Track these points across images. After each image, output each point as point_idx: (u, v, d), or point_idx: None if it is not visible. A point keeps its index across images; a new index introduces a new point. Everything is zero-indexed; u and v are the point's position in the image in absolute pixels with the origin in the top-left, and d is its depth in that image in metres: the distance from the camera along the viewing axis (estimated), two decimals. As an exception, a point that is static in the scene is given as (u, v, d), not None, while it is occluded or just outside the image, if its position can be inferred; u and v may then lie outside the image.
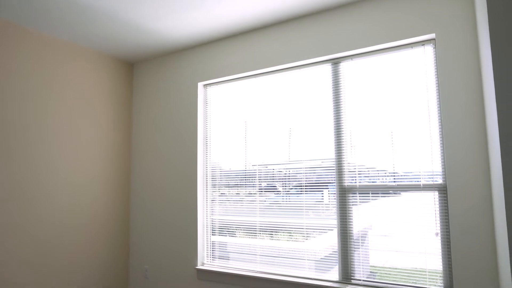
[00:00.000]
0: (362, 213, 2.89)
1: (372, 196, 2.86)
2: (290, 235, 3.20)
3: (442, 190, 2.58)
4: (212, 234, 3.66)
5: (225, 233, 3.58)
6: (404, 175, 2.75)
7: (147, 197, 4.01)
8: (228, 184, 3.60)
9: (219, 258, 3.59)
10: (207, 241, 3.66)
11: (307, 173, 3.17)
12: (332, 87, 3.08)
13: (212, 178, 3.71)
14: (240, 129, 3.57)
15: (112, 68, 4.04)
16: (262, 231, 3.34)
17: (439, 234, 2.56)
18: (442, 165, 2.59)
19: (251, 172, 3.47)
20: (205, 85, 3.83)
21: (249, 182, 3.48)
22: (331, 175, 3.03)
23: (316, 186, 3.10)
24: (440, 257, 2.56)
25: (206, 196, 3.71)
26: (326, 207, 3.04)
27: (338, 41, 2.99)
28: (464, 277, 2.39)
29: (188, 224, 3.67)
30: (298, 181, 3.21)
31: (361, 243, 2.88)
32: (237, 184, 3.54)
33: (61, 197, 3.45)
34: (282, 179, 3.29)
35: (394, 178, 2.78)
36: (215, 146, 3.73)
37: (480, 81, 2.42)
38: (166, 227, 3.83)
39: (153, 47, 3.82)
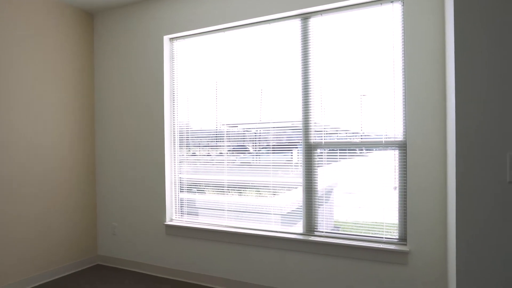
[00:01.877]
0: (327, 171, 2.98)
1: (339, 155, 2.93)
2: (258, 192, 3.27)
3: (402, 147, 2.68)
4: (181, 192, 3.68)
5: (194, 191, 3.61)
6: (367, 134, 2.82)
7: (113, 157, 3.93)
8: (199, 144, 3.58)
9: (187, 214, 3.64)
10: (175, 198, 3.69)
11: (277, 133, 3.18)
12: (301, 45, 3.04)
13: (180, 138, 3.67)
14: (210, 88, 3.50)
15: (70, 19, 3.78)
16: (231, 188, 3.39)
17: (397, 188, 2.70)
18: (403, 123, 2.67)
19: (221, 132, 3.45)
20: (172, 39, 3.67)
21: (219, 142, 3.47)
22: (300, 135, 3.06)
23: (286, 147, 3.13)
24: (397, 210, 2.71)
25: (174, 155, 3.68)
26: (295, 166, 3.10)
27: (308, -4, 2.91)
28: (417, 229, 2.56)
29: (156, 182, 3.66)
30: (268, 141, 3.23)
31: (326, 199, 2.99)
32: (207, 145, 3.53)
33: (25, 160, 3.32)
34: (253, 139, 3.30)
35: (361, 137, 2.85)
36: (183, 105, 3.65)
37: (444, 44, 2.45)
38: (134, 185, 3.80)
39: (114, -4, 3.58)
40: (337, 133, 2.93)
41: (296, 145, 3.09)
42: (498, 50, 1.61)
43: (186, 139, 3.63)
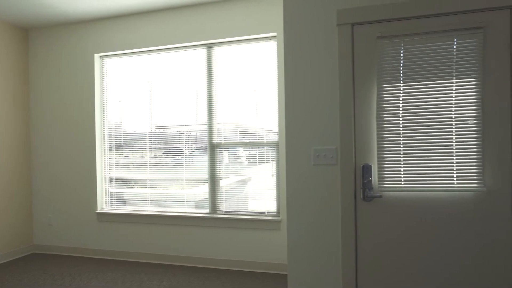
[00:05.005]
0: (226, 163, 3.90)
1: (236, 152, 3.87)
2: (177, 185, 4.10)
3: (276, 145, 3.70)
4: (110, 187, 4.38)
5: (123, 186, 4.33)
6: (259, 135, 3.80)
7: (48, 156, 4.50)
8: (123, 146, 4.32)
9: (116, 204, 4.36)
10: (105, 192, 4.38)
11: (190, 137, 4.04)
12: (206, 66, 3.94)
13: (109, 140, 4.37)
14: (137, 95, 4.26)
15: (5, 34, 4.29)
16: (154, 182, 4.18)
17: (274, 176, 3.71)
18: (278, 129, 3.69)
19: (143, 134, 4.22)
20: (102, 56, 4.36)
21: (142, 144, 4.24)
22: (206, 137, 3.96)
23: (201, 148, 4.01)
24: (275, 191, 3.72)
25: (105, 156, 4.37)
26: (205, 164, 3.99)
27: (212, 30, 3.82)
28: (284, 203, 3.57)
29: (88, 178, 4.32)
30: (179, 144, 4.07)
31: (226, 186, 3.91)
32: (132, 147, 4.28)
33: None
34: (165, 142, 4.12)
35: (251, 138, 3.82)
36: (113, 112, 4.36)
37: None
38: (68, 181, 4.42)
39: (49, 16, 4.19)
40: (234, 135, 3.87)
41: (206, 146, 3.97)
42: (310, 80, 2.61)
43: (114, 142, 4.34)
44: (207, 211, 3.96)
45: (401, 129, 2.31)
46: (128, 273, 3.74)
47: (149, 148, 4.20)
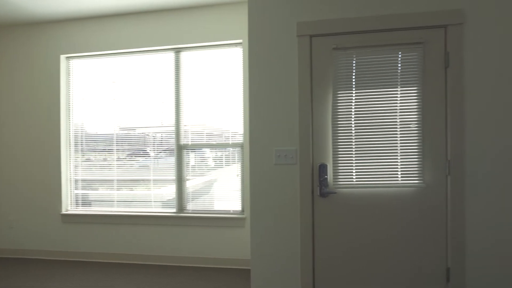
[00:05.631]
0: (193, 164, 4.04)
1: (203, 153, 4.00)
2: (143, 186, 4.17)
3: (241, 146, 3.88)
4: (76, 189, 4.37)
5: (89, 187, 4.34)
6: (221, 135, 3.96)
7: (11, 159, 4.43)
8: (92, 148, 4.33)
9: (82, 205, 4.36)
10: (70, 193, 4.37)
11: (162, 138, 4.13)
12: (174, 69, 4.06)
13: (75, 142, 4.37)
14: (101, 101, 4.29)
15: (-32, 33, 4.19)
16: (121, 184, 4.23)
17: (239, 175, 3.89)
18: (243, 130, 3.87)
19: (111, 135, 4.26)
20: (68, 57, 4.36)
21: (110, 146, 4.27)
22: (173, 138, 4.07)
23: (167, 150, 4.11)
24: (240, 189, 3.89)
25: (70, 157, 4.36)
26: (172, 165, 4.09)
27: (180, 35, 3.95)
28: (247, 202, 3.76)
29: (52, 180, 4.30)
30: (145, 146, 4.16)
31: (193, 187, 4.04)
32: (102, 149, 4.30)
33: None
34: (127, 144, 4.19)
35: (216, 139, 3.97)
36: (79, 113, 4.36)
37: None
38: (31, 183, 4.36)
39: (16, 16, 4.14)
40: (201, 137, 4.01)
41: (173, 147, 4.08)
42: (272, 86, 2.81)
43: (81, 143, 4.35)
44: (174, 210, 4.07)
45: (353, 132, 2.56)
46: (95, 274, 3.78)
47: (116, 149, 4.25)
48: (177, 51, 4.06)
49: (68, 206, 4.37)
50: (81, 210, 4.32)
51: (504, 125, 2.43)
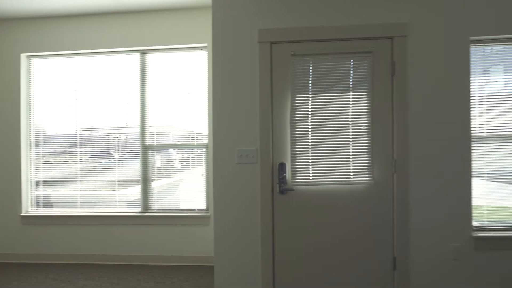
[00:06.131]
0: (158, 166, 4.10)
1: (169, 154, 4.08)
2: (107, 187, 4.18)
3: (206, 147, 3.99)
4: (37, 190, 4.30)
5: (50, 189, 4.28)
6: (187, 136, 4.05)
7: (-34, 156, 4.29)
8: (55, 151, 4.28)
9: (43, 207, 4.30)
10: (31, 195, 4.29)
11: (127, 139, 4.16)
12: (140, 71, 4.11)
13: (36, 143, 4.30)
14: (64, 101, 4.26)
15: None
16: (84, 185, 4.21)
17: (204, 175, 4.00)
18: (208, 131, 3.99)
19: (75, 136, 4.24)
20: (29, 56, 4.30)
21: (73, 147, 4.25)
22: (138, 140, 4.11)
23: (132, 151, 4.14)
24: (205, 189, 4.01)
25: (30, 158, 4.29)
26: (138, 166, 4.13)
27: (145, 37, 4.01)
28: (212, 200, 3.88)
29: (12, 181, 4.21)
30: (109, 147, 4.18)
31: (158, 187, 4.10)
32: (64, 150, 4.26)
33: None
34: (89, 146, 4.20)
35: (181, 140, 4.06)
36: (40, 113, 4.30)
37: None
38: (-11, 182, 4.25)
39: (-29, 15, 4.03)
40: (167, 138, 4.08)
41: (138, 148, 4.12)
42: (234, 89, 2.95)
43: (42, 144, 4.29)
44: (139, 210, 4.11)
45: (310, 133, 2.76)
46: (56, 275, 3.75)
47: (80, 151, 4.23)
48: (143, 53, 4.12)
49: (29, 208, 4.29)
50: (42, 212, 4.26)
51: (442, 127, 2.71)
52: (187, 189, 4.07)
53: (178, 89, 4.08)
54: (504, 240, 2.72)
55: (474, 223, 2.82)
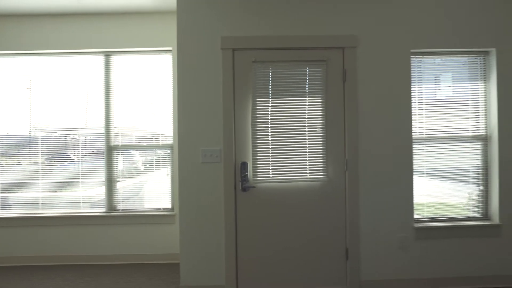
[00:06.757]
0: (122, 168, 4.16)
1: (137, 155, 4.14)
2: (69, 188, 4.18)
3: (171, 147, 4.11)
4: (-6, 192, 4.22)
5: (7, 191, 4.21)
6: (151, 138, 4.14)
7: None
8: (6, 152, 4.22)
9: (1, 209, 4.22)
10: (-12, 196, 4.20)
11: (86, 140, 4.18)
12: (104, 73, 4.16)
13: (-6, 140, 4.21)
14: (22, 102, 4.20)
15: None
16: (46, 186, 4.18)
17: (169, 175, 4.11)
18: (172, 132, 4.10)
19: (35, 138, 4.20)
20: (-14, 56, 4.20)
21: (31, 149, 4.20)
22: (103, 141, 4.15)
23: (93, 153, 4.16)
24: (170, 188, 4.12)
25: (-12, 156, 4.20)
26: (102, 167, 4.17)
27: (110, 39, 4.06)
28: (177, 199, 4.01)
29: (-31, 181, 4.10)
30: (67, 148, 4.18)
31: (123, 187, 4.16)
32: (11, 152, 4.21)
33: None
34: (53, 147, 4.19)
35: (146, 141, 4.14)
36: (-3, 112, 4.22)
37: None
38: None
39: None
40: (131, 139, 4.15)
41: (103, 150, 4.16)
42: (199, 92, 3.10)
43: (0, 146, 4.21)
44: (104, 210, 4.15)
45: (269, 134, 2.97)
46: (17, 277, 3.72)
47: (35, 152, 4.20)
48: (107, 54, 4.16)
49: (-14, 210, 4.19)
50: (0, 214, 4.18)
51: (387, 130, 3.02)
52: (152, 189, 4.16)
53: (143, 91, 4.16)
54: (441, 229, 3.07)
55: (415, 216, 3.15)
